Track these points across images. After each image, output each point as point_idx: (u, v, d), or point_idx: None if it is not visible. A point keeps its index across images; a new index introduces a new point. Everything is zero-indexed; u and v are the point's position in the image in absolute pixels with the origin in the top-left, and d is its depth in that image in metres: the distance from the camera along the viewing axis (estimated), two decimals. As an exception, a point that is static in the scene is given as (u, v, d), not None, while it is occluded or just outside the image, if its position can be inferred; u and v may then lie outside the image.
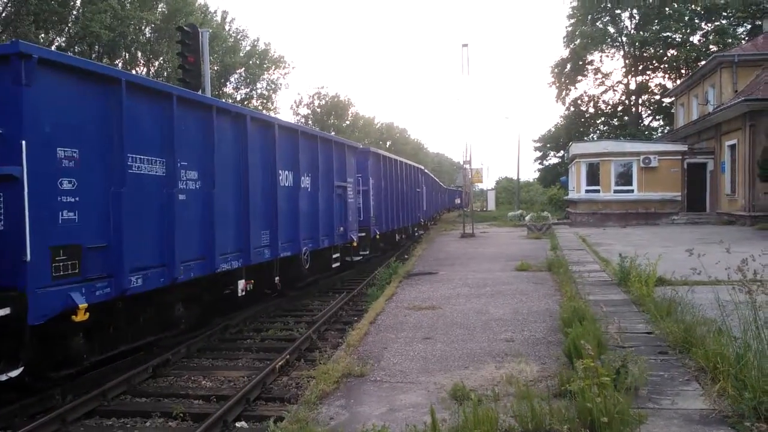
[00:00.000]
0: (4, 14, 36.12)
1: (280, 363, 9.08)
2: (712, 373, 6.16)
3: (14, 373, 6.47)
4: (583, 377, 5.19)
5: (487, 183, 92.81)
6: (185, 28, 18.11)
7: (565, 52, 52.91)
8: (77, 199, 7.22)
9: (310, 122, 75.12)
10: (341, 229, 16.41)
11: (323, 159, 15.07)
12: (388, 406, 6.07)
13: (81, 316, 7.10)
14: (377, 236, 20.22)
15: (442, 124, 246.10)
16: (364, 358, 7.86)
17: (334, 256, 16.25)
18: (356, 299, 14.60)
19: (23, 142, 6.46)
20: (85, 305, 7.15)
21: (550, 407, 5.12)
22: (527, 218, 32.13)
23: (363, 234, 18.73)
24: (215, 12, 54.97)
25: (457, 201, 44.06)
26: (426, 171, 38.10)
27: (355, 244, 17.53)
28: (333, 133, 65.37)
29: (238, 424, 7.18)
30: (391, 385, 6.75)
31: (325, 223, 15.11)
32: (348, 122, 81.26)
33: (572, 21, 51.72)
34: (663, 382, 6.31)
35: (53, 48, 37.36)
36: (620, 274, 12.47)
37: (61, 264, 6.94)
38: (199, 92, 15.73)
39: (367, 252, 19.38)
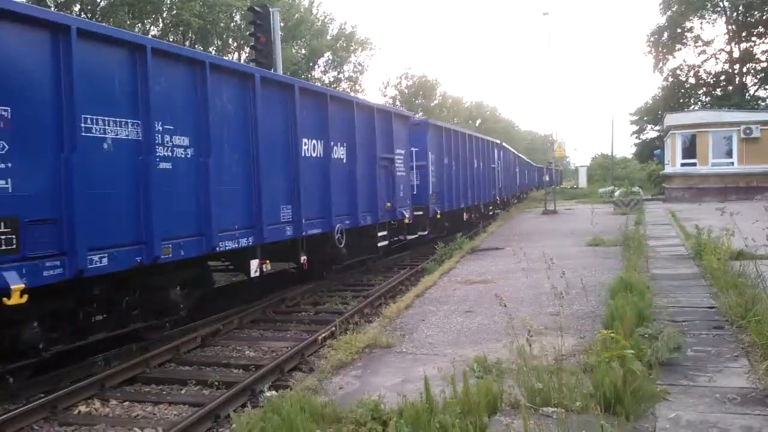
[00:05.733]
0: (102, 4, 37.99)
1: (323, 335, 9.01)
2: (763, 349, 5.54)
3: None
4: (598, 351, 4.76)
5: (580, 160, 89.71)
6: (256, 8, 18.33)
7: (662, 20, 49.76)
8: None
9: (398, 103, 74.95)
10: (388, 205, 14.97)
11: (362, 128, 13.77)
12: (403, 378, 5.85)
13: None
14: (438, 215, 18.79)
15: (533, 101, 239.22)
16: (398, 330, 7.67)
17: (380, 234, 14.75)
18: (418, 274, 14.37)
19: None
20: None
21: (559, 381, 4.73)
22: (616, 194, 30.70)
23: (420, 213, 17.46)
24: (303, -4, 55.52)
25: (546, 179, 42.64)
26: (505, 146, 35.07)
27: (406, 221, 16.06)
28: (420, 114, 64.87)
29: (267, 393, 7.15)
30: (414, 357, 6.53)
31: (367, 198, 13.90)
32: (436, 102, 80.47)
33: (670, -14, 48.62)
34: (707, 358, 5.73)
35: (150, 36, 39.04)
36: (696, 248, 11.59)
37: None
38: (272, 70, 15.66)
39: (426, 231, 17.93)
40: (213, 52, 47.00)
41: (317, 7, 56.60)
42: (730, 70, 49.30)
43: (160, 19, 43.68)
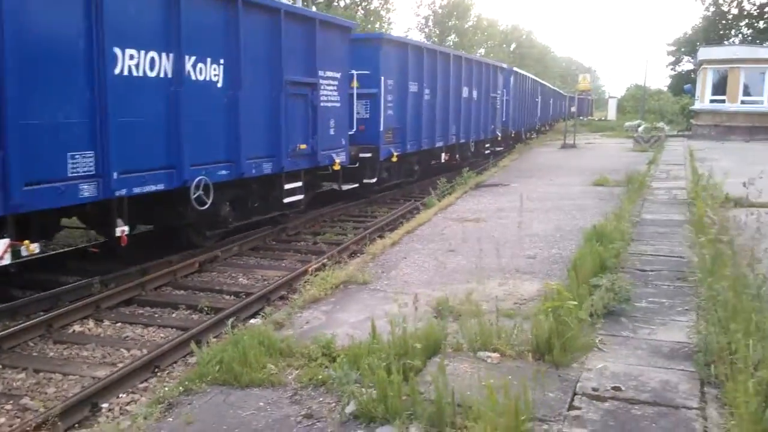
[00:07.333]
0: None
1: (314, 266, 9.38)
2: (710, 302, 5.74)
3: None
4: (543, 300, 5.03)
5: (616, 90, 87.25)
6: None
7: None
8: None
9: (430, 24, 73.16)
10: (302, 146, 11.56)
11: (256, 39, 10.07)
12: (368, 315, 6.15)
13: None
14: (393, 157, 15.39)
15: (571, 26, 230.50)
16: (379, 267, 7.99)
17: (289, 186, 11.48)
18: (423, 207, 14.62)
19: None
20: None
21: (498, 328, 5.03)
22: (640, 129, 30.21)
23: (368, 155, 14.42)
24: None
25: (573, 110, 41.89)
26: (517, 71, 29.67)
27: (337, 167, 12.88)
28: (453, 36, 62.70)
29: (252, 321, 7.58)
30: (384, 295, 6.86)
31: (263, 139, 10.50)
32: (470, 24, 78.33)
33: None
34: (658, 310, 5.97)
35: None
36: (693, 193, 11.63)
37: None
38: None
39: (374, 179, 15.02)
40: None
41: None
42: (776, 1, 47.09)
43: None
